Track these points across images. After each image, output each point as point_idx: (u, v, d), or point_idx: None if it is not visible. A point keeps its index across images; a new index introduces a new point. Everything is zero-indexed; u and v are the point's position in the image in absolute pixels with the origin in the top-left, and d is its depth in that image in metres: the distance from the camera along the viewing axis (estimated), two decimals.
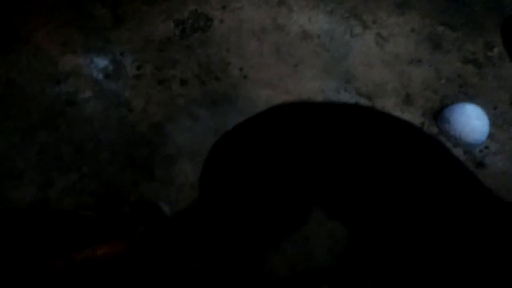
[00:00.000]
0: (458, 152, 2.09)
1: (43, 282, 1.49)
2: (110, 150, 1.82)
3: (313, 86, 2.19)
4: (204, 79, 2.10)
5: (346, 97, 2.18)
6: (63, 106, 1.88)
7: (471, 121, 2.08)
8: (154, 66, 2.09)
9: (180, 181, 1.81)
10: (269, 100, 2.10)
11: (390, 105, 2.19)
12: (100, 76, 1.99)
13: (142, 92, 2.00)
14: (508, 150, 2.13)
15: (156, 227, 1.60)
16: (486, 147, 2.12)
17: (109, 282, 1.53)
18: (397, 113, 2.17)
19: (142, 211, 1.68)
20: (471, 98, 2.24)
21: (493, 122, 2.16)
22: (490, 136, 2.13)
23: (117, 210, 1.71)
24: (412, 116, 2.18)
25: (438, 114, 2.18)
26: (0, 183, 1.67)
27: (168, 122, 1.94)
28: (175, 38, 2.17)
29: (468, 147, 2.09)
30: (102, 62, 2.03)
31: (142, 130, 1.90)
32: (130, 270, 1.52)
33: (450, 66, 2.36)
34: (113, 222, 1.67)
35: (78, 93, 1.93)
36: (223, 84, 2.11)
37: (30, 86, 1.91)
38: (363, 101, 2.17)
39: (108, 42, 2.08)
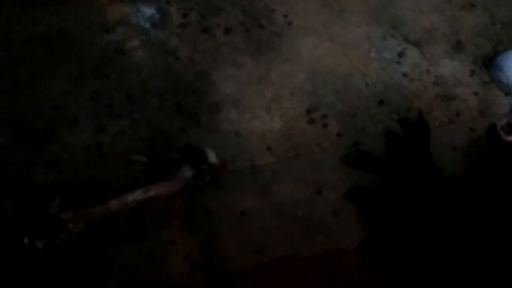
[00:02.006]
0: (509, 100, 2.02)
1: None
2: (158, 97, 1.88)
3: (359, 33, 2.15)
4: (248, 27, 2.09)
5: (393, 43, 2.13)
6: (112, 55, 1.94)
7: None
8: (199, 14, 2.10)
9: (225, 128, 1.85)
10: (313, 48, 2.08)
11: (439, 52, 2.13)
12: (147, 25, 2.03)
13: (187, 40, 2.03)
14: None
15: (203, 172, 1.67)
16: None
17: None
18: (446, 60, 2.10)
19: (189, 156, 1.75)
20: None
21: None
22: None
23: (166, 155, 1.78)
24: (462, 63, 2.11)
25: (490, 61, 2.09)
26: (58, 128, 1.77)
27: (213, 70, 1.97)
28: None
29: None
30: (148, 10, 2.06)
31: (188, 78, 1.94)
32: None
33: (505, 10, 2.24)
34: (163, 166, 1.74)
35: (126, 41, 1.97)
36: (267, 31, 2.10)
37: (81, 35, 1.97)
38: (410, 48, 2.12)
39: None
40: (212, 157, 1.70)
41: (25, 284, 1.54)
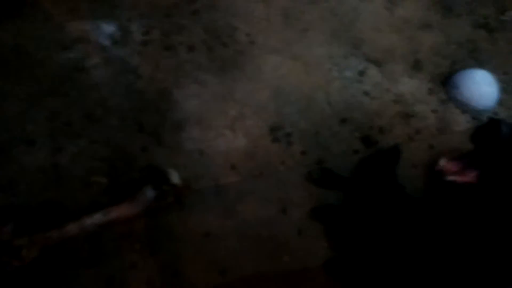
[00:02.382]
0: (466, 118, 2.08)
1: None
2: (119, 116, 1.83)
3: (321, 52, 2.17)
4: (211, 45, 2.09)
5: (355, 62, 2.16)
6: (71, 73, 1.89)
7: (481, 87, 2.06)
8: (161, 32, 2.08)
9: (188, 147, 1.83)
10: (276, 66, 2.09)
11: (399, 71, 2.18)
12: (108, 42, 1.99)
13: (149, 58, 2.00)
14: None
15: (165, 193, 1.63)
16: (495, 113, 2.11)
17: None
18: (405, 78, 2.15)
19: (151, 176, 1.71)
20: (481, 64, 2.21)
21: (503, 88, 2.14)
22: (500, 102, 2.12)
23: (128, 175, 1.74)
24: (421, 82, 2.16)
25: (447, 80, 2.16)
26: (14, 148, 1.70)
27: (176, 89, 1.94)
28: (182, 3, 2.15)
29: (476, 113, 2.08)
30: (108, 28, 2.02)
31: (150, 97, 1.91)
32: None
33: (460, 31, 2.32)
34: (124, 187, 1.70)
35: (86, 59, 1.93)
36: (230, 50, 2.09)
37: (39, 52, 1.91)
38: (371, 67, 2.16)
39: (115, 7, 2.07)
40: (174, 177, 1.67)
41: None
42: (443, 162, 1.41)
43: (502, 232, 1.41)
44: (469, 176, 1.44)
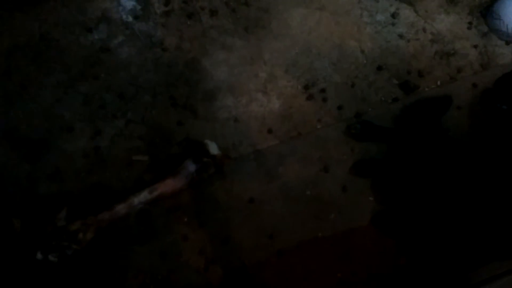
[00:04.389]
0: (511, 49, 1.95)
1: None
2: (151, 93, 1.83)
3: None
4: (234, 6, 2.02)
5: (385, 4, 2.04)
6: (98, 54, 1.89)
7: None
8: (182, 0, 2.03)
9: (223, 115, 1.81)
10: (303, 19, 2.01)
11: (434, 8, 2.04)
12: (130, 18, 1.96)
13: (173, 29, 1.96)
14: None
15: (206, 164, 1.64)
16: None
17: None
18: (442, 15, 2.02)
19: (190, 150, 1.72)
20: None
21: None
22: None
23: (167, 151, 1.75)
24: (459, 16, 2.03)
25: (487, 10, 2.01)
26: (55, 137, 1.74)
27: (203, 57, 1.91)
28: None
29: None
30: (129, 3, 1.98)
31: (179, 69, 1.89)
32: None
33: None
34: (165, 163, 1.72)
35: (111, 38, 1.92)
36: (253, 8, 2.02)
37: (64, 37, 1.91)
38: (403, 7, 2.04)
39: None
40: (213, 148, 1.67)
41: None
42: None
43: None
44: None
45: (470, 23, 2.01)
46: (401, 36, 1.98)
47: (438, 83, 1.89)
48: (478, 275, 1.35)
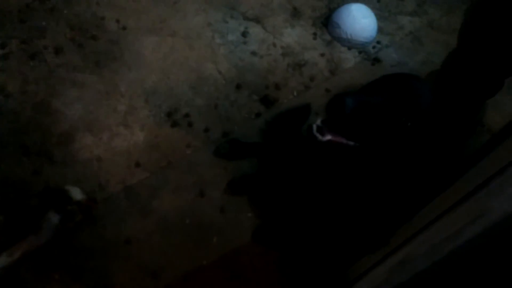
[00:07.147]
0: (353, 53, 2.12)
1: None
2: None
3: (199, 21, 2.09)
4: (80, 41, 1.93)
5: (235, 24, 2.10)
6: None
7: (359, 20, 2.09)
8: (21, 40, 1.88)
9: (83, 156, 1.70)
10: (156, 47, 1.98)
11: (279, 22, 2.15)
12: None
13: (14, 72, 1.81)
14: (398, 40, 2.19)
15: (70, 213, 1.51)
16: (378, 42, 2.16)
17: None
18: (288, 29, 2.13)
19: (51, 199, 1.57)
20: None
21: (379, 16, 2.19)
22: (379, 30, 2.17)
23: (25, 205, 1.58)
24: (304, 29, 2.15)
25: (327, 20, 2.17)
26: None
27: (53, 98, 1.78)
28: (34, 3, 1.94)
29: (361, 46, 2.12)
30: None
31: (27, 114, 1.73)
32: None
33: None
34: (24, 219, 1.55)
35: None
36: (101, 41, 1.94)
37: None
38: (252, 25, 2.11)
39: None
40: (76, 194, 1.55)
41: None
42: (319, 121, 1.39)
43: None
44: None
45: (315, 33, 2.15)
46: (254, 53, 2.05)
47: (295, 93, 1.97)
48: (354, 271, 1.41)
